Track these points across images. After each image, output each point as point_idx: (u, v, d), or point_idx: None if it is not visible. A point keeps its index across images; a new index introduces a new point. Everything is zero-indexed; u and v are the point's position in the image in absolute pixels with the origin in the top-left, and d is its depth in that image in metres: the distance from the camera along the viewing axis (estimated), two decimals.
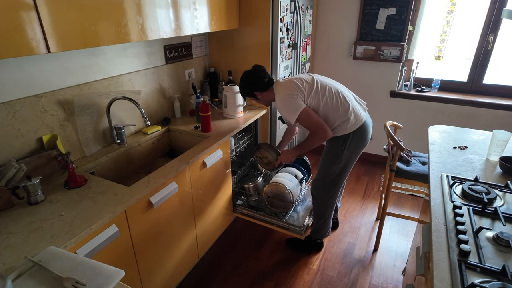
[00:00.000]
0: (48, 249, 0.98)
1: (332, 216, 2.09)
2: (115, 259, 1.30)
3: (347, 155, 1.84)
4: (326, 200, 1.99)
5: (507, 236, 0.97)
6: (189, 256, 1.87)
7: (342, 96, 1.78)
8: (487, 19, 2.58)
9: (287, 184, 2.06)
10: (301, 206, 2.27)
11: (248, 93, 1.89)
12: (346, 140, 1.80)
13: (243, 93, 1.94)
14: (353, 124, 1.77)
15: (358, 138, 1.81)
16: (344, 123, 1.77)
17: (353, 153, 1.85)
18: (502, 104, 2.61)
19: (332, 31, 3.08)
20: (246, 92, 1.91)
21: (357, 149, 1.85)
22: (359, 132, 1.79)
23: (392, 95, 3.02)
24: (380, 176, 3.16)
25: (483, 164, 1.49)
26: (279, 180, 2.08)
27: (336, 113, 1.76)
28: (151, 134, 2.00)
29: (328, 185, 1.95)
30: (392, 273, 2.03)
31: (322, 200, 2.00)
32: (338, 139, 1.82)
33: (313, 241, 2.17)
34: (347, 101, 1.77)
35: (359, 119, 1.79)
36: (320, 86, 1.77)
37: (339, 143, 1.82)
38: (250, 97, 1.93)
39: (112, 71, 1.77)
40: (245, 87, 1.89)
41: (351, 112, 1.76)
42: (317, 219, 2.08)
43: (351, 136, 1.79)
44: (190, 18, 1.79)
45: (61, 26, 1.15)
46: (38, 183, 1.25)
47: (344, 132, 1.78)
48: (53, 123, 1.51)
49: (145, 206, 1.42)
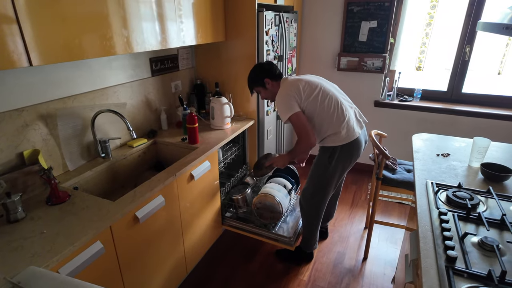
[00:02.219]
0: (28, 269, 0.94)
1: (319, 228, 2.08)
2: (100, 277, 1.26)
3: (334, 168, 1.85)
4: (314, 210, 1.99)
5: (491, 241, 1.00)
6: (177, 271, 1.83)
7: (341, 108, 1.80)
8: (463, 31, 2.70)
9: (276, 194, 2.05)
10: (290, 216, 2.27)
11: (258, 81, 1.88)
12: (334, 152, 1.82)
13: (252, 81, 1.92)
14: (344, 138, 1.78)
15: (346, 153, 1.82)
16: (335, 135, 1.79)
17: (340, 166, 1.86)
18: (481, 112, 2.71)
19: (317, 43, 3.15)
20: (255, 79, 1.89)
21: (344, 163, 1.85)
22: (348, 147, 1.80)
23: (376, 105, 3.09)
24: (367, 184, 3.19)
25: (466, 170, 1.53)
26: (268, 190, 2.08)
27: (329, 123, 1.78)
28: (137, 147, 1.97)
29: (315, 195, 1.95)
30: (382, 281, 2.03)
31: (308, 209, 2.00)
32: (326, 150, 1.84)
33: (303, 252, 2.15)
34: (343, 114, 1.79)
35: (351, 134, 1.79)
36: (322, 93, 1.79)
37: (327, 154, 1.84)
38: (258, 87, 1.91)
39: (97, 84, 1.75)
40: (257, 73, 1.89)
41: (344, 126, 1.78)
42: (305, 229, 2.07)
43: (339, 150, 1.81)
44: (176, 31, 1.80)
45: (44, 39, 1.13)
46: (18, 200, 1.21)
47: (333, 144, 1.80)
48: (34, 137, 1.47)
49: (131, 221, 1.39)
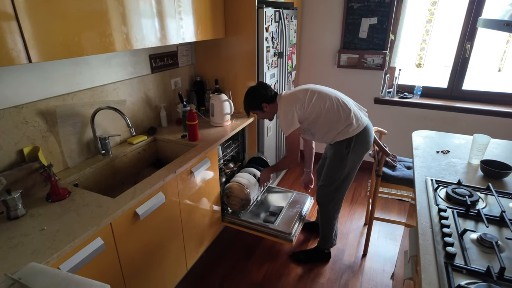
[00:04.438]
0: (29, 266, 0.94)
1: (337, 224, 2.09)
2: (100, 273, 1.26)
3: (352, 159, 1.87)
4: (332, 207, 2.00)
5: (490, 238, 1.00)
6: (177, 268, 1.83)
7: (343, 102, 1.85)
8: (464, 28, 2.69)
9: (245, 183, 2.16)
10: (290, 212, 2.27)
11: (255, 105, 1.93)
12: (349, 143, 1.84)
13: (248, 106, 1.95)
14: (356, 127, 1.82)
15: (361, 142, 1.85)
16: (347, 127, 1.82)
17: (357, 156, 1.89)
18: (481, 109, 2.70)
19: (317, 40, 3.14)
20: (252, 105, 1.94)
21: (360, 152, 1.88)
22: (361, 135, 1.84)
23: (376, 102, 3.08)
24: (366, 181, 3.19)
25: (465, 167, 1.53)
26: (238, 179, 2.19)
27: (339, 119, 1.82)
28: (137, 144, 1.97)
29: (334, 191, 1.96)
30: (382, 278, 2.04)
31: (328, 206, 2.01)
32: (342, 143, 1.85)
33: (320, 252, 2.15)
34: (348, 107, 1.84)
35: (361, 123, 1.84)
36: (321, 95, 1.85)
37: (343, 146, 1.85)
38: (256, 110, 1.96)
39: (96, 81, 1.75)
40: (253, 99, 1.92)
41: (352, 117, 1.82)
42: (324, 227, 2.08)
43: (354, 140, 1.83)
44: (176, 28, 1.79)
45: (43, 36, 1.12)
46: (19, 197, 1.21)
47: (348, 135, 1.82)
48: (34, 134, 1.47)
49: (131, 218, 1.39)
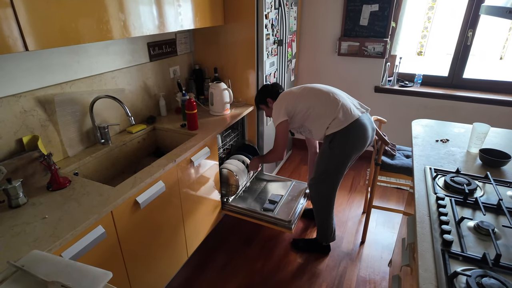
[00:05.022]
0: (31, 253, 0.96)
1: (332, 218, 2.07)
2: (102, 260, 1.28)
3: (336, 154, 1.84)
4: (320, 199, 2.00)
5: (487, 225, 1.01)
6: (178, 255, 1.86)
7: (333, 96, 1.86)
8: (466, 15, 2.65)
9: (234, 169, 2.21)
10: (289, 200, 2.29)
11: (261, 100, 2.12)
12: (333, 138, 1.82)
13: (258, 99, 2.15)
14: (342, 121, 1.78)
15: (345, 137, 1.79)
16: (334, 121, 1.80)
17: (343, 151, 1.83)
18: (481, 98, 2.69)
19: (317, 27, 3.10)
20: (259, 98, 2.14)
21: (346, 147, 1.82)
22: (346, 131, 1.78)
23: (376, 91, 3.07)
24: (365, 170, 3.21)
25: (464, 156, 1.54)
26: (227, 166, 2.24)
27: (325, 112, 1.83)
28: (136, 133, 1.97)
29: (322, 184, 1.96)
30: (379, 264, 2.08)
31: (316, 198, 2.02)
32: (327, 138, 1.85)
33: (319, 245, 2.17)
34: (336, 100, 1.84)
35: (348, 117, 1.79)
36: (313, 90, 1.92)
37: (327, 141, 1.85)
38: (263, 105, 2.13)
39: (94, 69, 1.73)
40: (260, 93, 2.13)
41: (339, 110, 1.80)
42: (318, 220, 2.09)
43: (338, 134, 1.80)
44: (174, 15, 1.77)
45: (39, 23, 1.11)
46: (19, 186, 1.22)
47: (333, 130, 1.80)
48: (33, 123, 1.47)
49: (132, 207, 1.40)
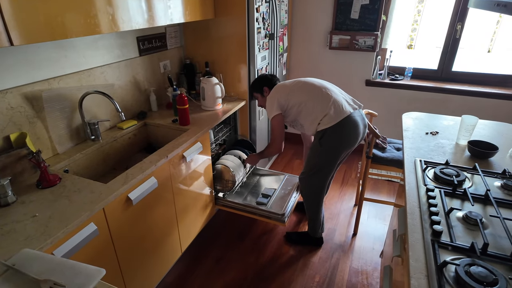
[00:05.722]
0: (22, 252, 0.94)
1: (321, 212, 2.08)
2: (95, 258, 1.27)
3: (326, 150, 1.85)
4: (309, 194, 2.03)
5: (475, 216, 1.03)
6: (171, 251, 1.86)
7: (325, 91, 1.86)
8: (455, 8, 2.68)
9: (230, 165, 2.20)
10: (282, 194, 2.30)
11: (258, 87, 2.10)
12: (324, 134, 1.82)
13: (253, 86, 2.14)
14: (333, 117, 1.78)
15: (336, 133, 1.80)
16: (325, 117, 1.80)
17: (333, 147, 1.83)
18: (470, 90, 2.73)
19: (308, 21, 3.09)
20: (256, 85, 2.12)
21: (336, 143, 1.82)
22: (337, 127, 1.78)
23: (367, 84, 3.09)
24: (357, 163, 3.24)
25: (453, 148, 1.57)
26: (223, 161, 2.23)
27: (317, 107, 1.83)
28: (127, 129, 1.94)
29: (310, 179, 1.97)
30: (371, 256, 2.11)
31: (306, 192, 2.04)
32: (318, 134, 1.85)
33: (312, 237, 2.19)
34: (329, 96, 1.84)
35: (340, 113, 1.79)
36: (306, 84, 1.92)
37: (317, 137, 1.85)
38: (257, 93, 2.12)
39: (82, 64, 1.70)
40: (258, 81, 2.12)
41: (331, 106, 1.81)
42: (307, 213, 2.11)
43: (329, 131, 1.80)
44: (164, 8, 1.74)
45: (24, 17, 1.08)
46: (8, 184, 1.19)
47: (324, 126, 1.81)
48: (21, 120, 1.44)
49: (124, 203, 1.39)
